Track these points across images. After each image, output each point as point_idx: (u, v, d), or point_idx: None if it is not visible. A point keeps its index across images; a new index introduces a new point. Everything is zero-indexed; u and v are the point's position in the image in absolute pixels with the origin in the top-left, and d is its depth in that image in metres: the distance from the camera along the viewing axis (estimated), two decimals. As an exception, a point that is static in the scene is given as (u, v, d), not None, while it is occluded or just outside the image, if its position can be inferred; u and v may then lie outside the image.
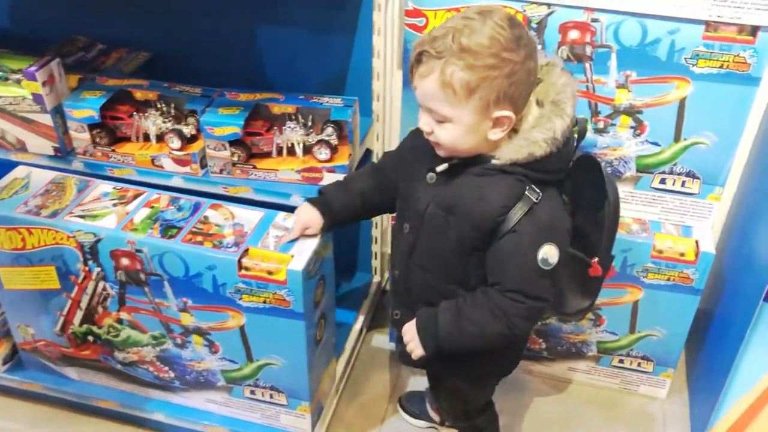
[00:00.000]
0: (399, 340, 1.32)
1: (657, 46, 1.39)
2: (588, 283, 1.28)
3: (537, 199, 1.11)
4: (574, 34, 1.42)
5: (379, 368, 1.86)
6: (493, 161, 1.12)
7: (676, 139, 1.48)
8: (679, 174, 1.52)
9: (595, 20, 1.40)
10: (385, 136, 1.77)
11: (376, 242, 1.95)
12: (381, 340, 1.94)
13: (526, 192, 1.11)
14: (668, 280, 1.57)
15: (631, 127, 1.49)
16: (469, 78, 1.04)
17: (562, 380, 1.84)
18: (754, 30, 1.33)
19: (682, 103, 1.43)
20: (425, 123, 1.13)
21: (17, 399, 1.77)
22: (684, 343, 1.69)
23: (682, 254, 1.54)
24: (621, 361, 1.76)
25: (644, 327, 1.68)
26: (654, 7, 1.35)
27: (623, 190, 1.57)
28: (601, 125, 1.50)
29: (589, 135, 1.51)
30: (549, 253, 1.12)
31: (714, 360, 1.65)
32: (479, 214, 1.12)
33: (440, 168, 1.16)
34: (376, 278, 2.02)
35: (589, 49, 1.43)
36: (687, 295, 1.59)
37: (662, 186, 1.55)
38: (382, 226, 1.90)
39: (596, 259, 1.23)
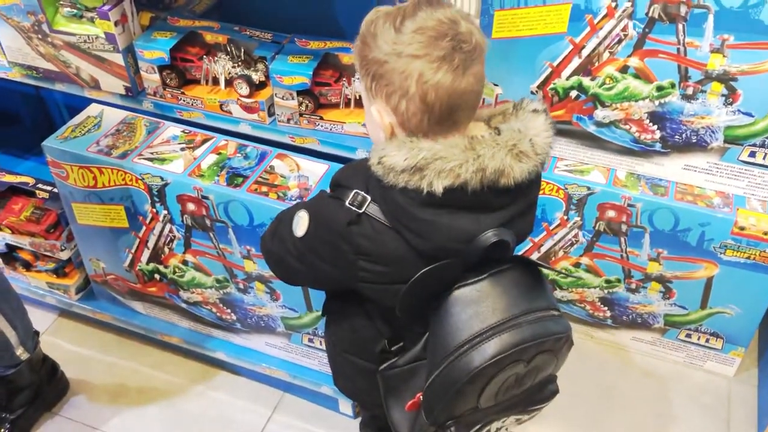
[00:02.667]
0: None
1: (762, 9, 1.27)
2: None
3: (361, 206, 0.92)
4: (669, -8, 1.31)
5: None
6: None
7: (773, 110, 1.37)
8: (772, 147, 1.42)
9: (694, -23, 1.28)
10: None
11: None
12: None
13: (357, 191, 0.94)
14: (748, 258, 1.49)
15: (723, 95, 1.38)
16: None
17: (624, 349, 1.79)
18: None
19: (783, 71, 1.32)
20: None
21: (89, 326, 1.86)
22: (759, 324, 1.61)
23: (766, 233, 1.45)
24: (688, 336, 1.70)
25: (717, 304, 1.60)
26: (763, -35, 1.23)
27: (708, 161, 1.47)
28: (689, 91, 1.40)
29: (676, 101, 1.42)
30: (301, 218, 0.99)
31: (789, 343, 1.57)
32: None
33: None
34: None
35: (683, 9, 1.32)
36: (767, 275, 1.50)
37: (751, 159, 1.44)
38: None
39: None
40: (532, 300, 0.92)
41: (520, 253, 1.00)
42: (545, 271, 0.99)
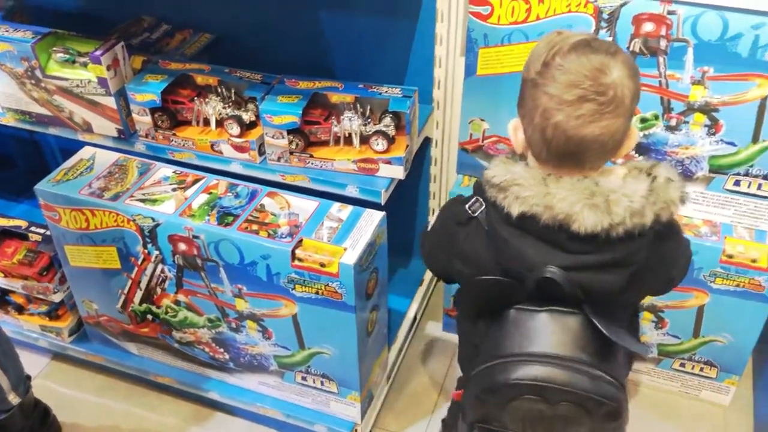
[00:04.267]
0: None
1: (738, 42, 1.30)
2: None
3: (475, 212, 1.03)
4: (648, 27, 1.34)
5: (431, 357, 1.85)
6: None
7: (755, 139, 1.39)
8: (755, 176, 1.43)
9: (671, 12, 1.31)
10: (445, 124, 1.74)
11: (433, 230, 1.92)
12: (434, 327, 1.93)
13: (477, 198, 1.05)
14: (737, 286, 1.50)
15: (706, 126, 1.41)
16: None
17: (619, 380, 1.79)
18: None
19: (763, 102, 1.34)
20: None
21: (82, 368, 1.85)
22: (752, 351, 1.61)
23: (754, 260, 1.46)
24: (682, 365, 1.70)
25: (709, 332, 1.61)
26: (737, 0, 1.26)
27: (694, 190, 1.49)
28: (673, 122, 1.42)
29: (660, 132, 1.45)
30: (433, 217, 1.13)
31: (783, 370, 1.57)
32: None
33: None
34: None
35: (663, 43, 1.35)
36: (757, 302, 1.50)
37: (736, 188, 1.46)
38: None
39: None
40: (577, 350, 0.94)
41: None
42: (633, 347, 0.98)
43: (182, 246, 1.42)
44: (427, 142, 1.73)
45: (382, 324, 1.56)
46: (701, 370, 1.68)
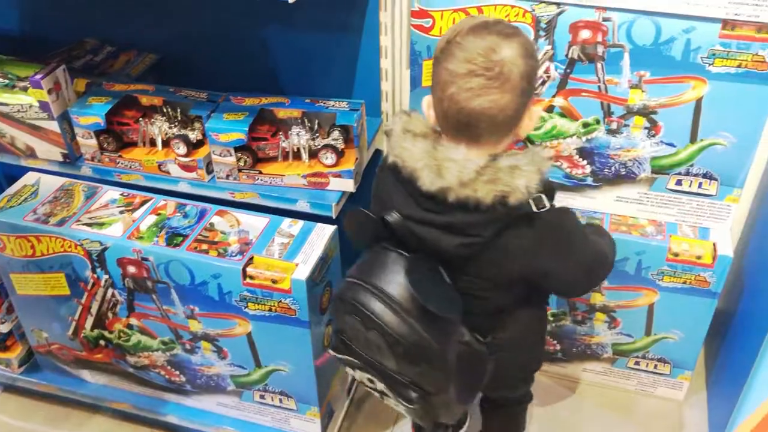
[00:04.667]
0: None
1: (671, 46, 1.34)
2: None
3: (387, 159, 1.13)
4: (585, 34, 1.38)
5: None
6: None
7: (693, 140, 1.43)
8: (695, 175, 1.47)
9: (606, 19, 1.35)
10: (396, 136, 1.74)
11: (388, 241, 1.93)
12: (394, 339, 1.93)
13: None
14: (684, 283, 1.53)
15: (646, 128, 1.44)
16: None
17: (576, 381, 1.81)
18: (773, 27, 1.28)
19: (698, 103, 1.39)
20: None
21: (34, 399, 1.80)
22: (702, 346, 1.65)
23: (699, 257, 1.50)
24: (637, 363, 1.73)
25: (660, 330, 1.64)
26: (668, 6, 1.30)
27: (638, 191, 1.53)
28: (614, 126, 1.46)
29: (602, 136, 1.48)
30: None
31: (734, 362, 1.61)
32: None
33: None
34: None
35: (600, 49, 1.38)
36: (704, 298, 1.54)
37: (678, 187, 1.50)
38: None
39: None
40: (404, 293, 1.05)
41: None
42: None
43: (131, 269, 1.40)
44: (378, 153, 1.74)
45: (339, 338, 1.55)
46: (655, 367, 1.72)
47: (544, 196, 1.02)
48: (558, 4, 1.36)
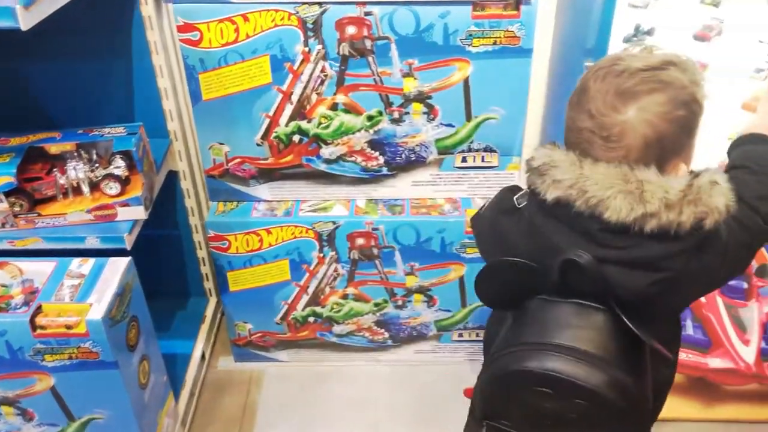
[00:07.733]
0: None
1: (432, 32, 1.41)
2: None
3: (521, 203, 0.99)
4: (351, 30, 1.41)
5: (229, 391, 1.80)
6: None
7: (468, 118, 1.51)
8: (477, 150, 1.56)
9: (368, 13, 1.39)
10: (190, 155, 1.70)
11: (204, 263, 1.87)
12: (227, 361, 1.88)
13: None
14: (486, 252, 1.62)
15: (424, 113, 1.51)
16: None
17: (410, 364, 1.86)
18: (517, 4, 1.38)
19: (466, 83, 1.47)
20: None
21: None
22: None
23: (494, 226, 1.59)
24: (461, 335, 1.81)
25: (474, 300, 1.73)
26: (420, -6, 1.36)
27: (430, 173, 1.59)
28: (396, 115, 1.51)
29: (387, 126, 1.53)
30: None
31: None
32: None
33: None
34: (212, 300, 1.95)
35: (368, 43, 1.42)
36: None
37: (464, 164, 1.59)
38: (207, 247, 1.83)
39: None
40: (599, 346, 0.87)
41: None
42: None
43: None
44: (172, 175, 1.69)
45: (158, 373, 1.48)
46: (477, 335, 1.80)
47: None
48: (320, 4, 1.38)
